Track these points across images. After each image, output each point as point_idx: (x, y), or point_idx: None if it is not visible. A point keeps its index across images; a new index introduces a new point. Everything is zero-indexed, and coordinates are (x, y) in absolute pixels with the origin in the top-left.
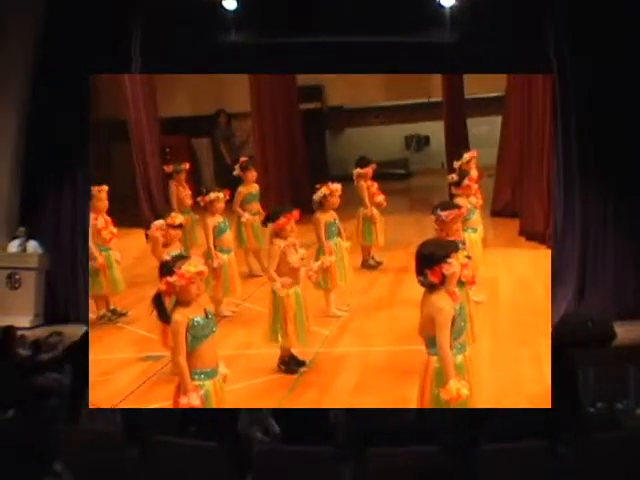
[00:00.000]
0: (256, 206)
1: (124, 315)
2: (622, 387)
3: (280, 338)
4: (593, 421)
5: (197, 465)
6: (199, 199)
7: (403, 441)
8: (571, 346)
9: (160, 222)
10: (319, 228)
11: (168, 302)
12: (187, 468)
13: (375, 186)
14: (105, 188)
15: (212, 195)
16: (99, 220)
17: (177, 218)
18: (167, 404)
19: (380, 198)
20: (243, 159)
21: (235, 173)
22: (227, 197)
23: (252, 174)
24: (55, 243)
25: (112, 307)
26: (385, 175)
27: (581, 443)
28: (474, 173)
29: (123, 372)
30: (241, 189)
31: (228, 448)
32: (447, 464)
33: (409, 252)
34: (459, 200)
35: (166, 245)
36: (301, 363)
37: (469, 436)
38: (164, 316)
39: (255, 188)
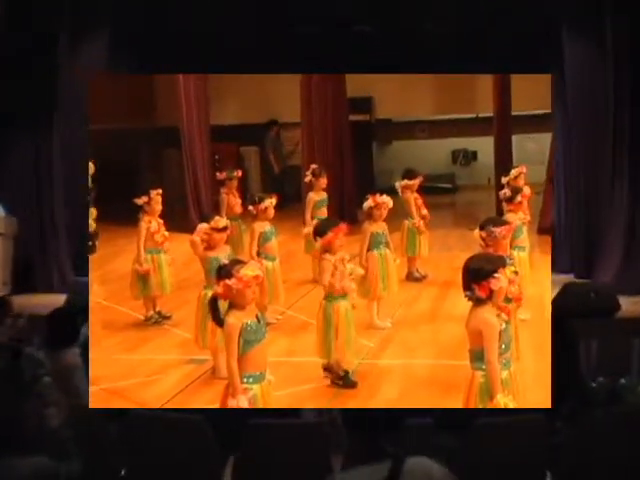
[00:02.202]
0: (324, 212)
1: (168, 318)
2: (626, 361)
3: (332, 351)
4: (594, 396)
5: (183, 438)
6: (251, 208)
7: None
8: (572, 317)
9: (204, 226)
10: (364, 238)
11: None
12: (173, 441)
13: (420, 200)
14: (161, 192)
15: (267, 202)
16: (152, 223)
17: (220, 222)
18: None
19: (425, 212)
20: (314, 166)
21: (306, 180)
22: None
23: (324, 180)
24: (20, 208)
25: (158, 309)
26: (431, 189)
27: (581, 417)
28: (527, 189)
29: (168, 374)
30: (312, 195)
31: (215, 421)
32: (444, 436)
33: (453, 267)
34: (509, 216)
35: (212, 248)
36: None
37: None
38: (217, 319)
39: (323, 195)
